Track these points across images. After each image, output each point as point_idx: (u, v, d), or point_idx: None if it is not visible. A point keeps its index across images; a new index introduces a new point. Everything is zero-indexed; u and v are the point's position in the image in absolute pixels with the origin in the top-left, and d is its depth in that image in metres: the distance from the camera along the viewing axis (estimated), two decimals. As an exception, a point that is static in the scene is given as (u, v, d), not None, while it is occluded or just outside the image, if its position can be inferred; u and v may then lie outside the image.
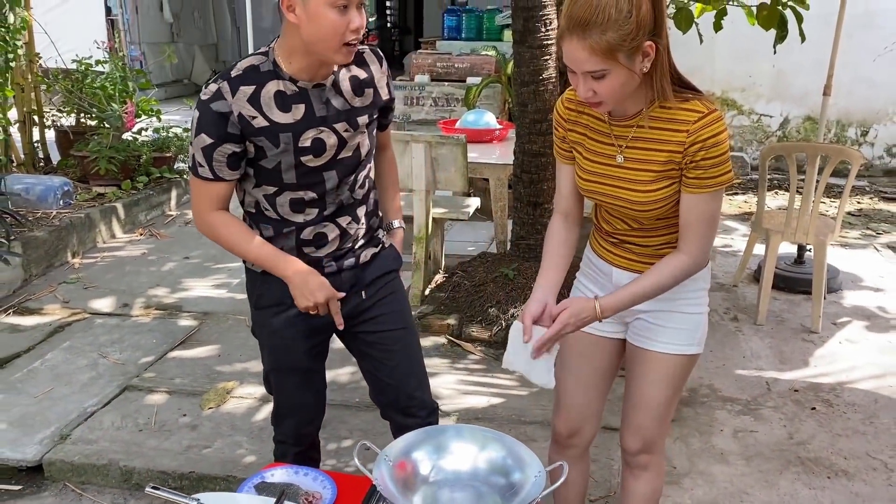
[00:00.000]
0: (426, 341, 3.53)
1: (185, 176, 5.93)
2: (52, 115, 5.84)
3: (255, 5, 11.44)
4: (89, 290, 4.23)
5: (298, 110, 1.78)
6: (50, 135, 5.89)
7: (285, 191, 1.84)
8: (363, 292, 2.01)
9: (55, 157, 5.89)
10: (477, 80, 6.86)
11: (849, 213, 6.02)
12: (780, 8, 4.37)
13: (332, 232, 1.92)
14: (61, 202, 4.86)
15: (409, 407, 2.07)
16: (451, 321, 3.64)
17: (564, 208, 1.86)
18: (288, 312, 1.96)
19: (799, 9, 4.37)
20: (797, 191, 3.91)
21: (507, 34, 9.32)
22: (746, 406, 3.13)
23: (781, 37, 4.49)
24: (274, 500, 1.64)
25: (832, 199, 6.28)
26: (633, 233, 1.77)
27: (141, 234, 5.17)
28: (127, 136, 5.66)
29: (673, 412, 1.95)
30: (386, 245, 2.07)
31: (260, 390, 3.15)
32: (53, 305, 4.02)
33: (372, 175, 2.04)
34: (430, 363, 3.33)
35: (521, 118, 3.71)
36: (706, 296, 1.85)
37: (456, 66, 8.08)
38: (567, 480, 2.00)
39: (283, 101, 1.77)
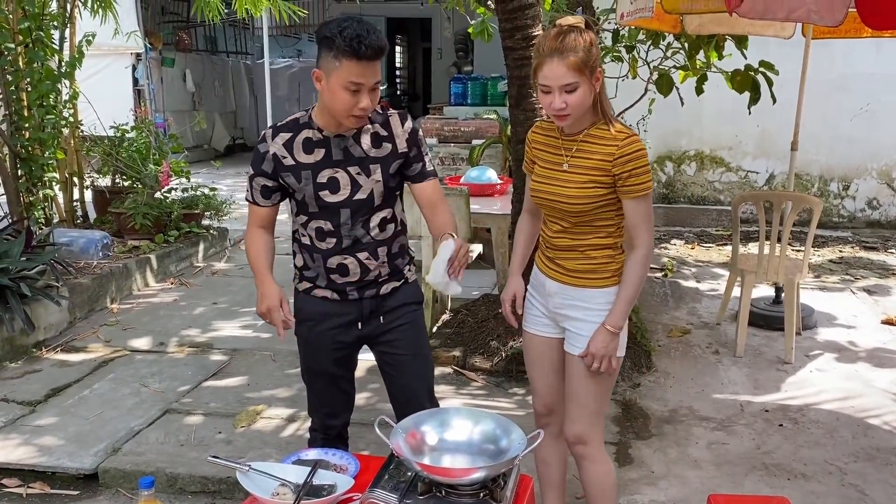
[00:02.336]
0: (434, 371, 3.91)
1: (211, 231, 6.42)
2: (90, 177, 6.38)
3: (272, 76, 12.14)
4: (128, 332, 4.66)
5: (319, 153, 2.25)
6: (87, 195, 6.41)
7: (311, 220, 2.31)
8: (381, 317, 2.40)
9: (91, 214, 6.40)
10: (481, 141, 7.40)
11: (830, 261, 6.43)
12: (751, 73, 4.89)
13: (352, 265, 2.32)
14: (101, 254, 5.34)
15: None
16: (457, 353, 4.04)
17: (530, 208, 2.42)
18: (318, 328, 2.40)
19: (769, 74, 4.89)
20: (767, 236, 4.33)
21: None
22: (721, 424, 3.49)
23: (755, 99, 4.99)
24: (310, 468, 2.03)
25: (815, 248, 6.70)
26: (566, 235, 2.23)
27: (172, 283, 5.63)
28: (158, 194, 6.17)
29: (603, 409, 2.35)
30: (409, 280, 2.48)
31: (287, 411, 3.56)
32: (96, 344, 4.44)
33: (397, 223, 2.38)
34: (438, 389, 3.68)
35: (518, 173, 4.17)
36: None
37: (462, 129, 8.65)
38: (548, 461, 2.49)
39: (308, 146, 2.25)
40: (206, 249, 6.34)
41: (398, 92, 16.74)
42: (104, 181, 6.43)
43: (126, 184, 6.27)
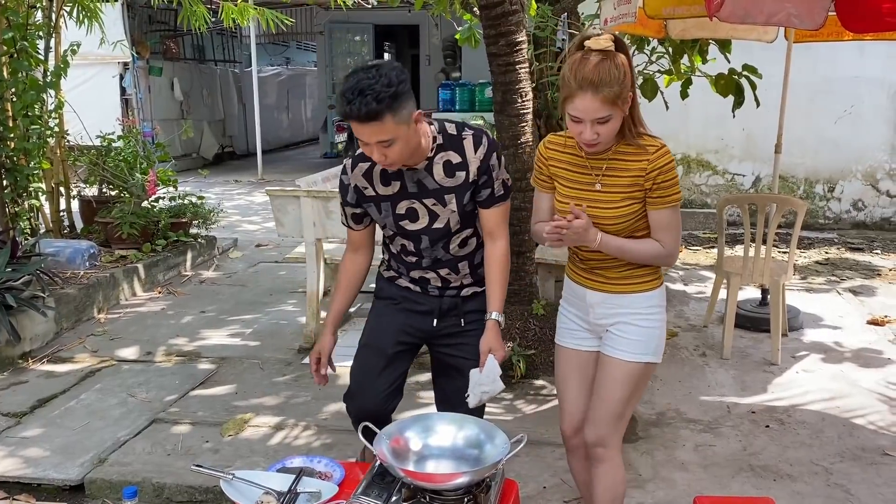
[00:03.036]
0: (423, 376, 3.92)
1: (199, 240, 6.41)
2: (77, 186, 6.36)
3: (261, 84, 12.14)
4: (115, 341, 4.64)
5: (395, 185, 2.30)
6: (74, 204, 6.39)
7: (395, 237, 2.42)
8: (462, 320, 2.45)
9: (78, 224, 6.37)
10: (469, 147, 7.41)
11: (816, 262, 6.47)
12: (735, 77, 4.93)
13: (433, 279, 2.44)
14: (87, 263, 5.32)
15: None
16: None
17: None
18: (395, 307, 2.50)
19: (753, 78, 4.93)
20: (752, 239, 4.36)
21: (498, 105, 9.93)
22: (707, 426, 3.51)
23: (739, 102, 5.03)
24: (294, 476, 2.03)
25: (802, 250, 6.75)
26: (602, 255, 2.17)
27: (159, 293, 5.61)
28: (145, 203, 6.15)
29: (627, 415, 2.29)
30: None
31: (275, 420, 3.55)
32: (83, 354, 4.42)
33: (479, 237, 2.41)
34: (425, 396, 3.72)
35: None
36: (660, 313, 2.24)
37: (450, 135, 8.63)
38: (587, 481, 2.41)
39: (385, 177, 2.30)
40: (195, 258, 6.33)
41: (387, 99, 16.74)
42: (91, 191, 6.41)
43: (113, 193, 6.26)
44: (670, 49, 4.87)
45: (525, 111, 4.06)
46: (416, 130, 2.16)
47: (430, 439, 2.00)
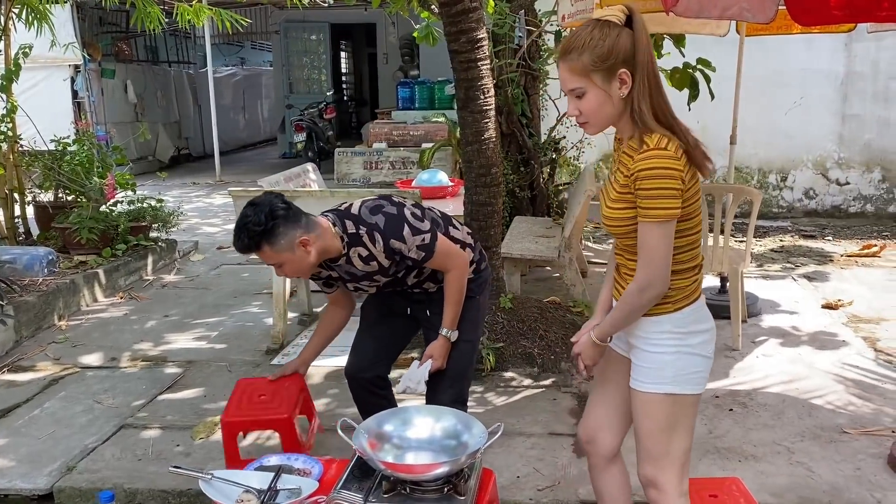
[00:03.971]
0: (394, 373, 3.92)
1: (159, 243, 6.33)
2: (31, 192, 6.22)
3: (216, 85, 12.00)
4: (78, 348, 4.56)
5: (335, 273, 2.64)
6: (29, 210, 6.25)
7: None
8: (428, 310, 2.75)
9: (34, 230, 6.24)
10: (430, 144, 7.45)
11: (771, 250, 6.65)
12: (690, 71, 5.04)
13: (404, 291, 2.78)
14: (46, 270, 5.22)
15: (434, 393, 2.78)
16: (415, 355, 4.05)
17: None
18: (383, 293, 2.80)
19: (707, 71, 5.05)
20: (710, 228, 4.46)
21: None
22: (673, 411, 3.59)
23: (693, 96, 5.15)
24: (273, 474, 2.04)
25: (757, 239, 6.92)
26: (620, 255, 2.01)
27: (121, 298, 5.53)
28: (104, 208, 6.05)
29: (674, 454, 2.00)
30: None
31: (245, 421, 3.53)
32: (45, 363, 4.34)
33: (427, 270, 2.66)
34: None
35: (468, 173, 4.22)
36: (674, 339, 1.94)
37: (411, 133, 8.70)
38: (602, 492, 2.28)
39: (328, 267, 2.62)
40: (155, 262, 6.24)
41: (345, 98, 16.69)
42: (46, 196, 6.28)
43: (69, 198, 6.14)
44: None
45: (487, 107, 4.10)
46: (305, 252, 2.43)
47: (409, 431, 2.03)
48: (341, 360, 3.48)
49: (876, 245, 6.60)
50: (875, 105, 7.67)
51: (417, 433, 2.02)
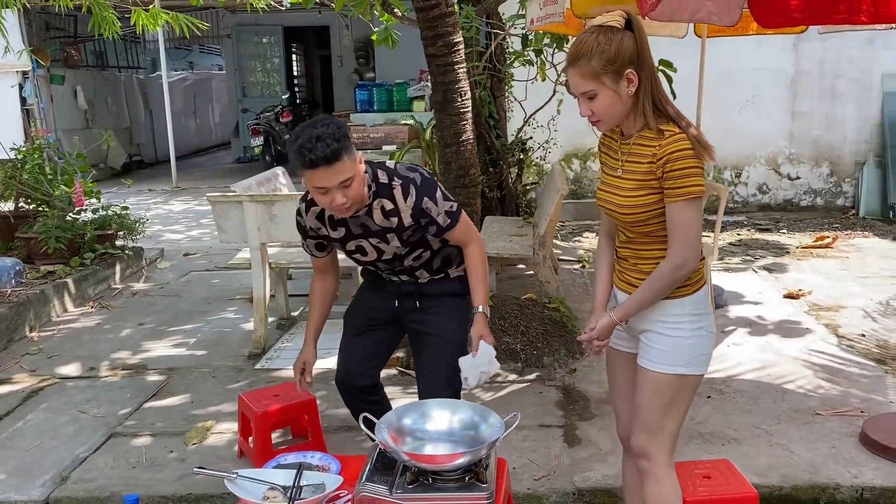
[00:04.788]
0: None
1: (126, 251, 6.25)
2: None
3: (168, 89, 11.83)
4: (53, 359, 4.49)
5: (342, 230, 2.55)
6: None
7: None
8: (417, 302, 2.68)
9: (-6, 241, 6.11)
10: (392, 147, 7.49)
11: (731, 244, 6.89)
12: (653, 72, 5.20)
13: (392, 282, 2.72)
14: (14, 281, 5.12)
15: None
16: (400, 354, 4.12)
17: (607, 229, 2.28)
18: (368, 288, 2.83)
19: (668, 72, 5.21)
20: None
21: (417, 104, 10.09)
22: (655, 400, 3.72)
23: (657, 96, 5.31)
24: (295, 471, 2.08)
25: (722, 232, 7.14)
26: (631, 245, 2.11)
27: (92, 307, 5.45)
28: (70, 216, 5.95)
29: (669, 429, 2.16)
30: (452, 276, 2.70)
31: (237, 425, 3.54)
32: (21, 375, 4.27)
33: (433, 250, 2.62)
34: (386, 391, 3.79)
35: (447, 175, 4.30)
36: (692, 322, 2.07)
37: (371, 135, 8.71)
38: (633, 486, 2.37)
39: (333, 222, 2.55)
40: (123, 270, 6.16)
41: (298, 101, 16.60)
42: (6, 206, 6.15)
43: (31, 207, 6.02)
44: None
45: (465, 109, 4.19)
46: (361, 170, 2.37)
47: (428, 424, 2.09)
48: (329, 362, 3.55)
49: (828, 237, 6.90)
50: (822, 102, 8.00)
51: (436, 425, 2.09)
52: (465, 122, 4.20)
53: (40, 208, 5.89)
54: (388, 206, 2.46)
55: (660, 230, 2.03)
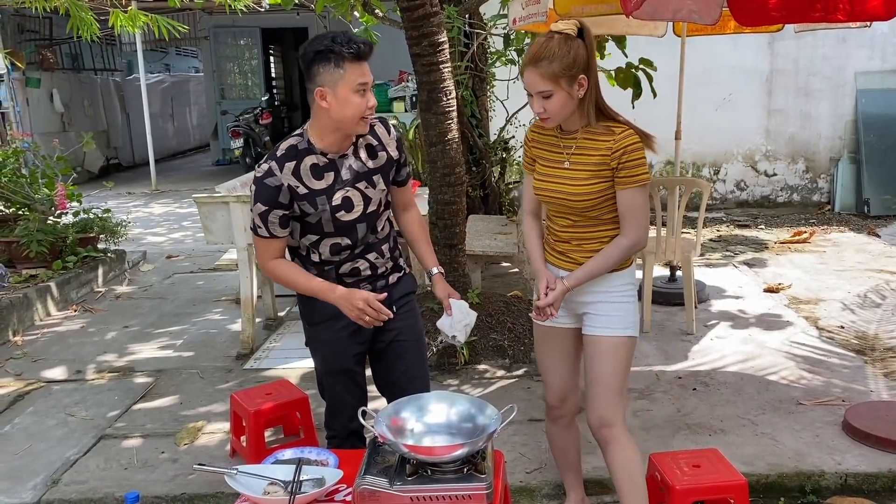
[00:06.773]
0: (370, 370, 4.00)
1: (109, 254, 6.21)
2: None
3: (146, 91, 11.74)
4: (38, 363, 4.46)
5: (329, 177, 2.32)
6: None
7: (325, 238, 2.38)
8: (393, 307, 2.45)
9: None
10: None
11: (710, 240, 6.98)
12: (633, 71, 5.27)
13: (363, 266, 2.45)
14: (-4, 285, 5.07)
15: None
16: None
17: (532, 209, 2.52)
18: (336, 325, 2.43)
19: (649, 71, 5.28)
20: (663, 220, 4.69)
21: (398, 105, 10.11)
22: (642, 393, 3.78)
23: (637, 94, 5.38)
24: (294, 466, 2.10)
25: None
26: (574, 229, 2.36)
27: (75, 310, 5.41)
28: (51, 219, 5.90)
29: (624, 392, 2.43)
30: (406, 271, 2.62)
31: (228, 424, 3.54)
32: (7, 379, 4.24)
33: (391, 221, 2.55)
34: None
35: (433, 173, 4.33)
36: (633, 289, 2.43)
37: (353, 136, 8.69)
38: (565, 447, 2.65)
39: (316, 171, 2.31)
40: (106, 273, 6.12)
41: (276, 102, 16.53)
42: (-15, 210, 6.09)
43: (10, 211, 5.96)
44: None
45: (450, 108, 4.21)
46: None
47: (426, 417, 2.12)
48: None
49: (805, 232, 7.02)
50: (797, 100, 8.14)
51: (434, 418, 2.11)
52: (450, 121, 4.22)
53: (20, 212, 5.84)
54: (373, 142, 2.39)
55: (605, 213, 2.31)
